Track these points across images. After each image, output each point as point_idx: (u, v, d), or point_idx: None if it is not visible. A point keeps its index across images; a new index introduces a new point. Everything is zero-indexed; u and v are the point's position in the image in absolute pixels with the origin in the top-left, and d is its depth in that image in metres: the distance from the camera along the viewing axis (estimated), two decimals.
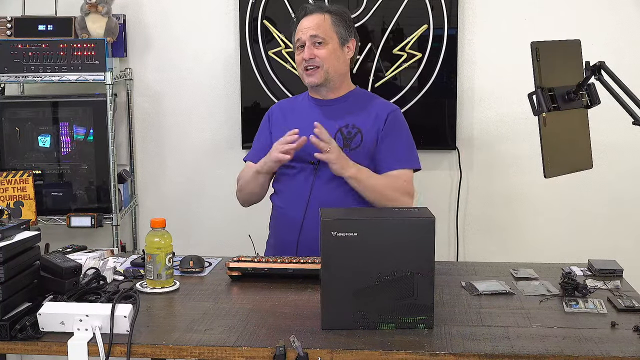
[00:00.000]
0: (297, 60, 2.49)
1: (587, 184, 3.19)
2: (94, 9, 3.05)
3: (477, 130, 3.24)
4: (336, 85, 2.49)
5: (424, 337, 1.72)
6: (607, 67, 1.87)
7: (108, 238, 3.13)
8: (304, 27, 2.45)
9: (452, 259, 3.25)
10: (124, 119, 3.34)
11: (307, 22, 2.45)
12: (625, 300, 1.93)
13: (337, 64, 2.46)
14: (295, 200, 2.43)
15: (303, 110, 2.55)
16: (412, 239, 1.73)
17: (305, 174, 2.44)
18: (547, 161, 1.84)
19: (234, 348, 1.67)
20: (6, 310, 1.73)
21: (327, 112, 2.49)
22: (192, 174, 3.38)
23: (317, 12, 2.47)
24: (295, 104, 2.62)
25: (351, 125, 2.45)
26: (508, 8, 3.16)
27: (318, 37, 2.42)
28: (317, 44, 2.42)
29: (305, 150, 2.38)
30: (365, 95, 2.58)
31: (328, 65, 2.43)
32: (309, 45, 2.42)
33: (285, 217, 2.48)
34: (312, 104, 2.54)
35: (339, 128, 2.45)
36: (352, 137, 2.44)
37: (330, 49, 2.43)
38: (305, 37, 2.43)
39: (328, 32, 2.43)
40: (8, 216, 1.86)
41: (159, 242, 2.06)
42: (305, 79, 2.46)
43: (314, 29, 2.42)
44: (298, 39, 2.46)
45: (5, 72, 3.00)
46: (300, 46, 2.46)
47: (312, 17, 2.46)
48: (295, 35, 2.49)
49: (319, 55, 2.42)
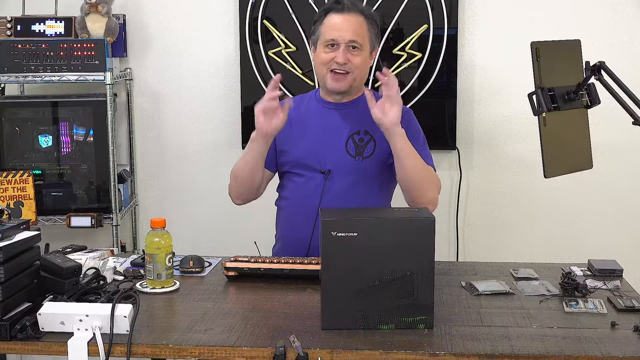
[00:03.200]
0: (323, 58, 2.26)
1: (587, 184, 3.20)
2: (94, 9, 3.05)
3: (477, 130, 3.24)
4: (354, 92, 2.35)
5: (424, 337, 1.72)
6: (607, 67, 1.87)
7: (108, 238, 3.13)
8: (341, 26, 2.23)
9: (452, 259, 3.25)
10: (124, 119, 3.34)
11: (345, 22, 2.24)
12: (625, 300, 1.93)
13: (364, 73, 2.32)
14: (303, 213, 2.32)
15: (313, 112, 2.39)
16: (412, 239, 1.73)
17: (315, 183, 2.32)
18: (547, 161, 1.84)
19: (234, 348, 1.67)
20: (6, 310, 1.73)
21: (339, 117, 2.35)
22: (192, 174, 3.38)
23: (355, 11, 2.26)
24: (303, 104, 2.43)
25: (363, 131, 2.31)
26: (508, 8, 3.16)
27: (356, 42, 2.24)
28: (351, 48, 2.24)
29: (316, 158, 2.31)
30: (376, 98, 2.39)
31: (357, 73, 2.28)
32: (344, 49, 2.23)
33: (293, 230, 2.37)
34: (323, 107, 2.38)
35: (350, 135, 2.32)
36: (365, 145, 2.31)
37: (364, 56, 2.27)
38: (343, 40, 2.23)
39: (364, 39, 2.26)
40: (8, 216, 1.86)
41: (159, 242, 2.06)
42: (330, 82, 2.28)
43: (354, 33, 2.23)
44: (332, 38, 2.24)
45: (5, 72, 3.00)
46: (330, 45, 2.25)
47: (351, 18, 2.25)
48: (325, 29, 2.26)
49: (353, 62, 2.24)
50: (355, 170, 2.30)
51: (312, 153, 2.31)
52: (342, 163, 2.30)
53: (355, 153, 2.32)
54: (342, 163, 2.30)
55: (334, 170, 2.30)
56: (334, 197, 2.30)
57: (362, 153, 2.32)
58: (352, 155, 2.31)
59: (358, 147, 2.32)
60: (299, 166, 2.35)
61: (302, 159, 2.34)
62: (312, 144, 2.34)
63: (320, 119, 2.38)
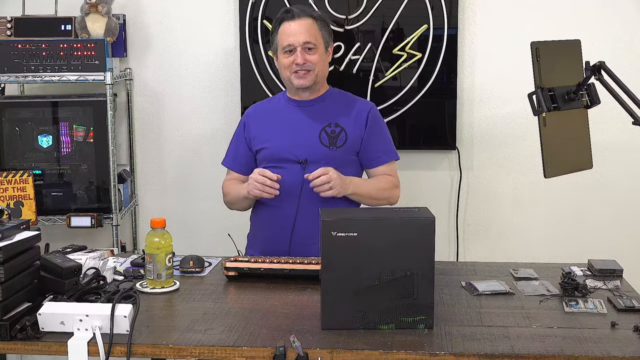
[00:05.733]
0: (284, 63, 2.48)
1: (587, 184, 3.20)
2: (94, 9, 3.04)
3: (477, 130, 3.24)
4: (318, 87, 2.54)
5: (424, 337, 1.72)
6: (607, 67, 1.87)
7: (108, 238, 3.13)
8: (294, 31, 2.45)
9: (452, 259, 3.25)
10: (124, 119, 3.34)
11: (297, 26, 2.45)
12: (625, 300, 1.93)
13: (324, 68, 2.53)
14: (285, 199, 2.43)
15: (282, 112, 2.57)
16: (412, 239, 1.74)
17: (294, 171, 2.44)
18: (547, 161, 1.84)
19: (234, 348, 1.67)
20: (6, 310, 1.73)
21: (308, 112, 2.53)
22: (192, 174, 3.38)
23: (305, 16, 2.48)
24: (272, 106, 2.64)
25: (334, 124, 2.49)
26: (508, 8, 3.16)
27: (310, 43, 2.45)
28: (307, 49, 2.45)
29: (291, 151, 2.45)
30: (341, 95, 2.61)
31: (318, 69, 2.48)
32: (301, 50, 2.44)
33: (276, 215, 2.48)
34: (291, 105, 2.57)
35: (322, 127, 2.49)
36: (337, 136, 2.48)
37: (320, 53, 2.48)
38: (298, 43, 2.44)
39: (317, 38, 2.47)
40: (8, 216, 1.86)
41: (159, 242, 2.06)
42: (295, 81, 2.48)
43: (306, 35, 2.45)
44: (288, 44, 2.45)
45: (5, 72, 3.00)
46: (288, 50, 2.46)
47: (301, 22, 2.46)
48: (280, 37, 2.48)
49: (311, 60, 2.46)
50: (330, 159, 2.45)
51: (288, 146, 2.47)
52: (317, 153, 2.46)
53: (329, 143, 2.48)
54: (318, 153, 2.46)
55: (310, 160, 2.44)
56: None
57: (335, 143, 2.49)
58: (327, 145, 2.47)
59: (331, 138, 2.49)
60: (276, 159, 2.49)
61: (278, 153, 2.49)
62: (287, 138, 2.51)
63: (291, 115, 2.55)
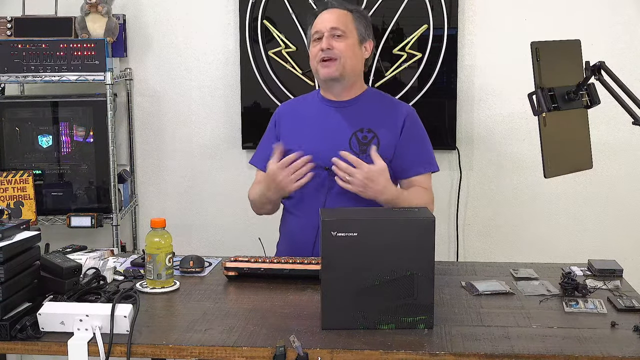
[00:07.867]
0: (312, 52, 2.37)
1: (587, 184, 3.20)
2: (94, 9, 3.05)
3: (477, 130, 3.24)
4: (350, 84, 2.40)
5: (424, 337, 1.72)
6: (607, 67, 1.87)
7: (108, 238, 3.13)
8: (324, 19, 2.37)
9: (452, 259, 3.25)
10: (124, 119, 3.34)
11: (328, 15, 2.37)
12: (625, 300, 1.93)
13: (354, 60, 2.37)
14: (308, 209, 2.35)
15: (314, 111, 2.45)
16: (412, 239, 1.73)
17: (319, 180, 2.34)
18: (547, 161, 1.83)
19: (234, 348, 1.67)
20: (6, 310, 1.73)
21: (341, 114, 2.40)
22: (192, 174, 3.38)
23: (340, 7, 2.41)
24: (305, 104, 2.52)
25: (366, 129, 2.36)
26: (508, 8, 3.16)
27: (338, 30, 2.34)
28: (336, 37, 2.34)
29: (320, 156, 2.30)
30: (378, 96, 2.49)
31: (345, 59, 2.34)
32: (328, 36, 2.33)
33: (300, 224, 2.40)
34: (324, 105, 2.44)
35: (353, 132, 2.36)
36: (369, 142, 2.34)
37: (349, 43, 2.35)
38: (325, 28, 2.34)
39: (349, 27, 2.36)
40: (8, 216, 1.86)
41: (159, 242, 2.06)
42: (320, 70, 2.35)
43: (335, 21, 2.35)
44: (316, 31, 2.36)
45: (5, 72, 3.00)
46: (317, 38, 2.36)
47: (334, 11, 2.39)
48: (313, 27, 2.39)
49: (337, 47, 2.33)
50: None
51: (316, 151, 2.31)
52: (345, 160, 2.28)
53: (360, 150, 2.35)
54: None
55: None
56: (338, 193, 2.32)
57: (365, 150, 2.34)
58: (356, 152, 2.33)
59: (362, 145, 2.35)
60: None
61: None
62: (316, 142, 2.36)
63: (322, 117, 2.42)
